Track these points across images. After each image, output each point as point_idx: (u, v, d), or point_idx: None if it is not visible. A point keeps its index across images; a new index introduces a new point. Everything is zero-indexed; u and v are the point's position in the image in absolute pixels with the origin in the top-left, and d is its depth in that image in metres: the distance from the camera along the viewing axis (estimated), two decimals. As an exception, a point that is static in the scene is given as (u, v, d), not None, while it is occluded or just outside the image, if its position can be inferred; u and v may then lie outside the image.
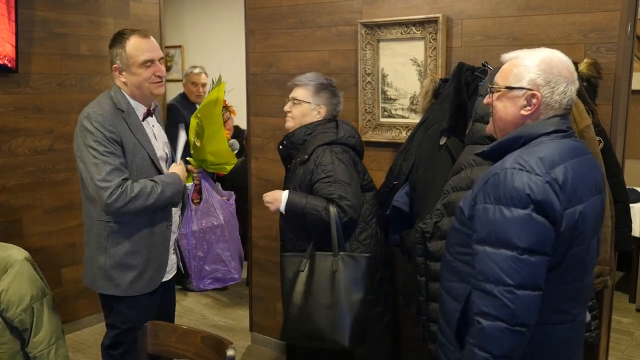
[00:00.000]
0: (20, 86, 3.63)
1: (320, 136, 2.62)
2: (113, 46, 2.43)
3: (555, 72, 1.63)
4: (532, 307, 1.51)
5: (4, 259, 2.52)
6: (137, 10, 4.21)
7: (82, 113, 2.37)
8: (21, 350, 2.47)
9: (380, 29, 3.04)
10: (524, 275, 1.49)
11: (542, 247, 1.51)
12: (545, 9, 2.61)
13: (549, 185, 1.51)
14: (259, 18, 3.51)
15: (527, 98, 1.64)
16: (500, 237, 1.52)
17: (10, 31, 3.40)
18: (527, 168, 1.53)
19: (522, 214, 1.51)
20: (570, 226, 1.54)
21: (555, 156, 1.57)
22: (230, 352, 1.84)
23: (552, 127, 1.63)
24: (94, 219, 2.41)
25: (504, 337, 1.50)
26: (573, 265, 1.59)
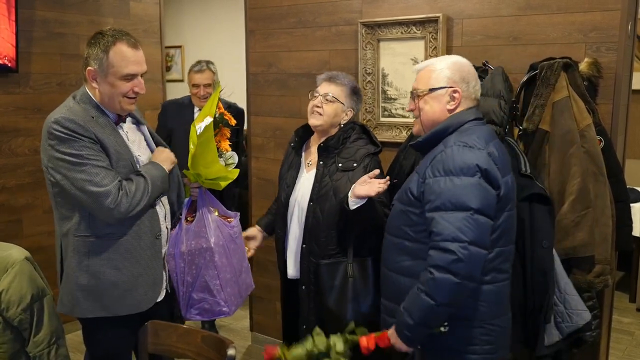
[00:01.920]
0: (20, 86, 3.63)
1: (357, 142, 2.52)
2: (92, 46, 2.10)
3: (466, 70, 1.96)
4: (480, 263, 1.76)
5: (4, 258, 2.51)
6: (137, 10, 4.21)
7: (46, 121, 2.08)
8: (21, 350, 2.46)
9: (381, 29, 3.04)
10: (476, 233, 1.74)
11: (489, 209, 1.78)
12: (546, 9, 2.61)
13: (490, 156, 1.81)
14: (259, 18, 3.51)
15: (450, 94, 1.94)
16: (453, 202, 1.76)
17: (10, 31, 3.40)
18: (470, 144, 1.82)
19: (472, 181, 1.77)
20: (506, 192, 1.84)
21: (486, 136, 1.89)
22: (231, 352, 1.84)
23: (472, 115, 1.94)
24: (70, 236, 2.14)
25: (452, 288, 1.73)
26: (508, 229, 1.88)
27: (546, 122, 2.39)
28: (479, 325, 1.86)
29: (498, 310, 1.89)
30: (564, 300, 2.28)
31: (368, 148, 2.52)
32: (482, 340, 1.87)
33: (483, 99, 2.30)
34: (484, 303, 1.85)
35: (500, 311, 1.91)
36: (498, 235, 1.84)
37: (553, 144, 2.37)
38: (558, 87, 2.38)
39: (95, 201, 2.05)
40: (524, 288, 2.27)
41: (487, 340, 1.87)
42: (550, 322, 2.27)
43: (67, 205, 2.14)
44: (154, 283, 2.25)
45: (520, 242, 2.26)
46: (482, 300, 1.85)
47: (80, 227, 2.13)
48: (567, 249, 2.33)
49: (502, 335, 1.92)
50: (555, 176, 2.36)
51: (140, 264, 2.19)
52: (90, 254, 2.13)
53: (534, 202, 2.25)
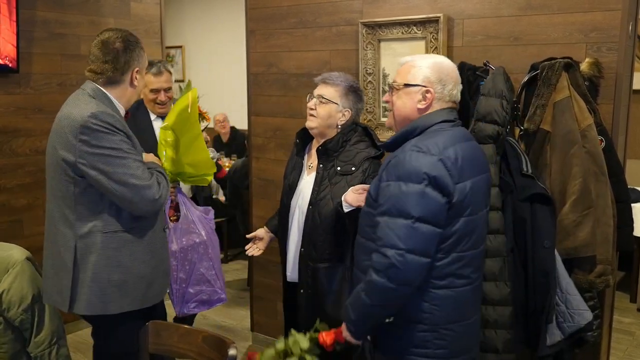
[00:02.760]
0: (21, 86, 3.63)
1: (358, 145, 2.48)
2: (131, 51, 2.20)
3: (445, 72, 1.93)
4: (419, 270, 1.75)
5: (5, 259, 2.52)
6: (137, 10, 4.21)
7: (73, 118, 2.07)
8: (22, 350, 2.46)
9: (381, 29, 3.04)
10: (414, 241, 1.73)
11: (433, 218, 1.75)
12: (546, 9, 2.61)
13: (442, 162, 1.76)
14: (259, 18, 3.51)
15: (423, 93, 1.91)
16: (398, 208, 1.76)
17: (11, 31, 3.40)
18: (423, 150, 1.79)
19: (417, 188, 1.75)
20: (462, 198, 1.79)
21: (447, 140, 1.83)
22: (232, 352, 1.84)
23: (442, 117, 1.90)
24: (96, 234, 2.12)
25: (387, 292, 1.76)
26: (466, 234, 1.83)
27: (547, 122, 2.39)
28: (431, 329, 1.85)
29: (455, 316, 1.86)
30: (566, 300, 2.27)
31: (368, 152, 2.46)
32: (435, 344, 1.86)
33: (485, 98, 2.31)
34: (438, 307, 1.84)
35: (458, 317, 1.87)
36: (454, 241, 1.81)
37: (554, 144, 2.37)
38: (559, 87, 2.38)
39: (138, 194, 2.10)
40: (526, 288, 2.27)
41: (440, 345, 1.85)
42: (552, 322, 2.26)
43: (92, 203, 2.13)
44: (165, 273, 2.35)
45: (522, 242, 2.27)
46: (436, 304, 1.83)
47: (110, 223, 2.14)
48: (569, 249, 2.32)
49: (458, 340, 1.88)
50: (557, 176, 2.35)
51: (156, 255, 2.27)
52: (120, 249, 2.15)
53: (536, 202, 2.25)
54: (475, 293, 1.92)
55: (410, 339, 1.86)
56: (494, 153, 2.27)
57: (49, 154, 2.18)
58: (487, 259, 2.19)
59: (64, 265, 2.14)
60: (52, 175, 2.17)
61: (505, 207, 2.27)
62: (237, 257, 5.81)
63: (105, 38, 2.16)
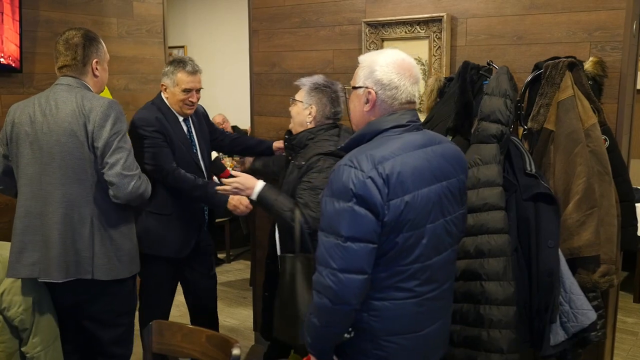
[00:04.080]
0: (24, 86, 3.62)
1: (321, 143, 2.53)
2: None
3: (388, 69, 1.78)
4: (355, 288, 1.68)
5: (6, 258, 2.51)
6: (140, 10, 4.21)
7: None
8: (19, 350, 2.45)
9: (384, 28, 3.04)
10: (346, 261, 1.66)
11: (364, 235, 1.66)
12: (550, 8, 2.61)
13: (371, 180, 1.65)
14: (262, 18, 3.51)
15: (366, 95, 1.81)
16: (331, 226, 1.69)
17: (14, 31, 3.40)
18: (354, 165, 1.68)
19: (346, 207, 1.67)
20: (397, 215, 1.68)
21: (386, 152, 1.70)
22: (236, 351, 1.84)
23: (390, 123, 1.78)
24: (112, 212, 2.43)
25: (328, 311, 1.72)
26: (407, 249, 1.73)
27: (551, 121, 2.39)
28: (370, 339, 1.80)
29: (396, 328, 1.79)
30: (570, 300, 2.27)
31: (322, 146, 2.49)
32: (374, 354, 1.81)
33: (488, 98, 2.30)
34: (376, 318, 1.78)
35: (400, 329, 1.80)
36: (392, 255, 1.72)
37: (558, 143, 2.36)
38: (563, 87, 2.37)
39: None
40: (530, 288, 2.26)
41: (379, 355, 1.80)
42: (555, 322, 2.26)
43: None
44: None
45: (526, 242, 2.26)
46: (373, 315, 1.78)
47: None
48: (573, 249, 2.32)
49: (401, 353, 1.81)
50: (561, 175, 2.35)
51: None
52: (128, 223, 2.54)
53: (539, 202, 2.25)
54: (426, 305, 1.81)
55: (354, 347, 1.83)
56: (498, 152, 2.27)
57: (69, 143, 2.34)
58: (491, 258, 2.19)
59: (81, 238, 2.35)
60: (69, 163, 2.33)
61: (508, 207, 2.26)
62: (239, 256, 5.82)
63: (66, 36, 2.43)
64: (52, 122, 2.33)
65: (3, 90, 3.54)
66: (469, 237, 2.23)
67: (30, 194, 2.38)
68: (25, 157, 2.38)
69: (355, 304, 1.72)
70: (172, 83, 2.88)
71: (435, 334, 1.88)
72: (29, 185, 2.38)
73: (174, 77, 2.87)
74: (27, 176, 2.38)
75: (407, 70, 1.80)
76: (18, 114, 2.41)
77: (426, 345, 1.86)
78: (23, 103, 2.45)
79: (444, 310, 1.92)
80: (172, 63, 2.92)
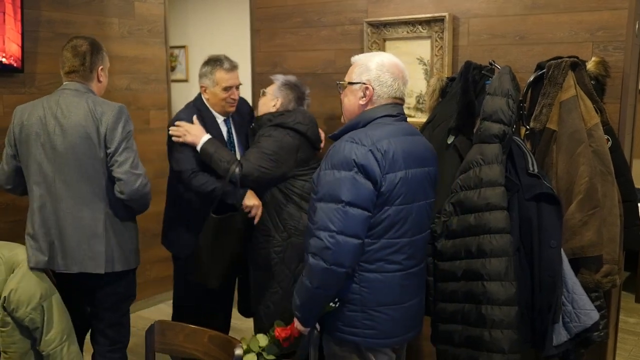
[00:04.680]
0: (26, 86, 3.62)
1: (276, 119, 2.79)
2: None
3: (384, 69, 2.02)
4: (350, 251, 1.87)
5: (10, 258, 2.51)
6: (141, 10, 4.21)
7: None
8: (31, 349, 2.46)
9: (386, 28, 3.03)
10: (344, 224, 1.86)
11: (362, 202, 1.87)
12: (552, 8, 2.61)
13: (371, 153, 1.89)
14: (264, 17, 3.51)
15: (363, 90, 2.03)
16: (331, 194, 1.89)
17: (16, 31, 3.40)
18: (356, 141, 1.92)
19: (348, 175, 1.88)
20: (390, 188, 1.91)
21: (382, 133, 1.95)
22: (239, 351, 1.83)
23: (383, 112, 2.02)
24: (121, 208, 2.59)
25: (322, 272, 1.88)
26: (397, 222, 1.94)
27: (553, 121, 2.38)
28: (361, 309, 1.97)
29: (385, 299, 1.98)
30: (572, 300, 2.27)
31: (275, 120, 2.79)
32: (363, 324, 1.98)
33: (491, 97, 2.30)
34: (367, 289, 1.96)
35: (389, 300, 1.99)
36: (384, 227, 1.93)
37: (561, 143, 2.36)
38: (565, 86, 2.37)
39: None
40: (532, 288, 2.26)
41: (368, 325, 1.98)
42: (558, 322, 2.25)
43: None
44: None
45: (528, 242, 2.26)
46: (364, 286, 1.96)
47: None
48: (575, 249, 2.32)
49: (388, 323, 2.00)
50: (563, 175, 2.35)
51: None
52: (133, 218, 2.72)
53: (542, 202, 2.24)
54: (410, 279, 2.03)
55: (341, 317, 2.00)
56: (500, 152, 2.26)
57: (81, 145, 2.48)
58: (493, 258, 2.18)
59: (95, 235, 2.51)
60: (83, 163, 2.48)
61: (511, 207, 2.25)
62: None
63: (74, 44, 2.56)
64: (65, 125, 2.45)
65: (5, 90, 3.53)
66: (470, 237, 2.23)
67: (45, 192, 2.51)
68: (37, 157, 2.49)
69: (348, 267, 1.89)
70: (211, 83, 2.83)
71: (415, 309, 2.09)
72: (43, 183, 2.50)
73: (213, 76, 2.82)
74: (38, 175, 2.50)
75: (400, 71, 2.06)
76: (26, 116, 2.52)
77: (408, 317, 2.06)
78: (29, 105, 2.56)
79: (421, 287, 2.14)
80: (208, 63, 2.86)
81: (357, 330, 1.99)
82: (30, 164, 2.51)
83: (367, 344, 2.00)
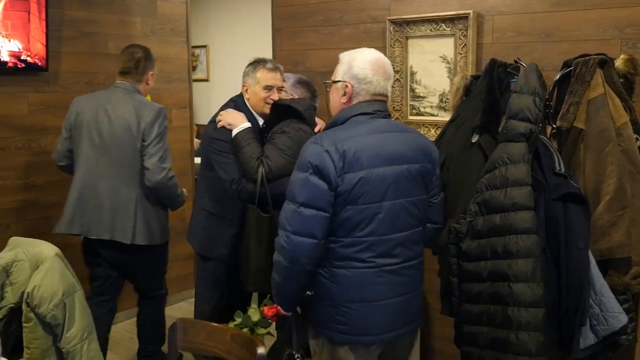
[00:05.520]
0: (50, 85, 3.66)
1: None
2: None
3: (363, 66, 2.01)
4: (305, 250, 1.91)
5: (35, 255, 2.53)
6: (164, 9, 4.23)
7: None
8: (53, 346, 2.48)
9: (409, 26, 3.01)
10: (299, 224, 1.90)
11: (316, 203, 1.89)
12: (579, 4, 2.56)
13: (327, 153, 1.89)
14: (286, 16, 3.50)
15: (343, 88, 2.03)
16: (290, 194, 1.94)
17: (40, 30, 3.44)
18: (317, 142, 1.94)
19: (303, 176, 1.92)
20: (350, 187, 1.90)
21: (349, 133, 1.95)
22: (261, 350, 1.84)
23: (358, 110, 2.02)
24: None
25: (284, 269, 1.97)
26: (361, 221, 1.93)
27: (581, 120, 2.34)
28: (333, 305, 1.99)
29: (354, 295, 1.97)
30: (600, 302, 2.22)
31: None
32: (337, 319, 1.99)
33: (517, 96, 2.26)
34: (337, 285, 1.98)
35: (358, 297, 1.98)
36: (349, 226, 1.94)
37: (588, 142, 2.32)
38: (593, 85, 2.33)
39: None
40: (559, 290, 2.22)
41: (340, 321, 1.99)
42: (585, 324, 2.21)
43: None
44: None
45: (555, 243, 2.22)
46: (334, 282, 1.98)
47: None
48: (603, 250, 2.27)
49: (360, 319, 1.99)
50: (591, 175, 2.30)
51: None
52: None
53: (569, 202, 2.20)
54: (384, 276, 1.99)
55: (319, 313, 2.04)
56: (527, 151, 2.23)
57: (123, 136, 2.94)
58: (519, 259, 2.15)
59: (127, 211, 2.94)
60: (123, 150, 2.93)
61: (537, 207, 2.22)
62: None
63: (131, 50, 3.05)
64: (112, 117, 2.93)
65: (30, 89, 3.57)
66: (496, 237, 2.20)
67: (88, 171, 2.98)
68: (85, 141, 2.97)
69: (306, 265, 1.94)
70: (253, 82, 2.82)
71: (396, 308, 2.03)
72: (87, 163, 2.98)
73: (255, 74, 2.81)
74: (86, 156, 2.98)
75: (381, 67, 2.03)
76: (81, 105, 3.02)
77: (386, 316, 2.01)
78: (84, 97, 3.08)
79: (407, 286, 2.05)
80: (252, 63, 2.87)
81: (332, 325, 2.01)
82: (80, 147, 2.99)
83: (340, 339, 2.01)
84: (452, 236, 2.32)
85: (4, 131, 3.49)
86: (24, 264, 2.50)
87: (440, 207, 2.20)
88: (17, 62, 3.39)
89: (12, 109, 3.51)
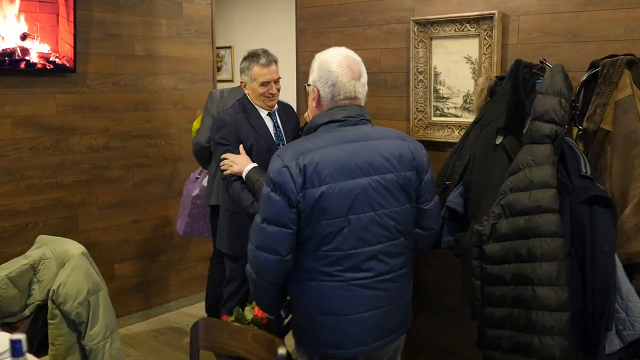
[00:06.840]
0: (78, 86, 3.72)
1: None
2: None
3: (325, 68, 1.91)
4: (269, 266, 1.89)
5: (62, 253, 2.58)
6: (189, 10, 4.27)
7: None
8: (77, 343, 2.52)
9: (433, 27, 2.99)
10: (262, 240, 1.88)
11: (277, 219, 1.84)
12: (607, 4, 2.52)
13: (287, 169, 1.81)
14: (309, 17, 3.51)
15: (312, 92, 1.95)
16: (258, 207, 1.92)
17: (69, 32, 3.50)
18: (280, 155, 1.86)
19: (265, 192, 1.87)
20: (311, 203, 1.82)
21: (312, 145, 1.85)
22: (282, 351, 1.84)
23: (326, 118, 1.91)
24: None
25: (251, 280, 1.99)
26: (326, 236, 1.86)
27: (608, 121, 2.30)
28: (306, 316, 1.99)
29: (324, 308, 1.93)
30: (626, 307, 2.18)
31: None
32: (311, 330, 1.99)
33: (542, 97, 2.23)
34: (308, 297, 1.96)
35: (328, 309, 1.93)
36: (315, 241, 1.87)
37: (615, 144, 2.28)
38: (621, 86, 2.29)
39: None
40: (584, 294, 2.19)
41: (314, 331, 1.98)
42: (611, 329, 2.18)
43: None
44: None
45: (580, 246, 2.19)
46: (306, 294, 1.96)
47: None
48: (630, 254, 2.23)
49: (332, 332, 1.94)
50: (618, 178, 2.26)
51: None
52: None
53: (595, 205, 2.17)
54: (355, 290, 1.91)
55: (299, 323, 2.05)
56: (552, 153, 2.20)
57: None
58: (544, 262, 2.12)
59: None
60: None
61: (562, 210, 2.19)
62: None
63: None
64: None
65: (58, 90, 3.64)
66: (520, 240, 2.17)
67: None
68: None
69: (271, 279, 1.93)
70: (249, 79, 2.82)
71: (368, 321, 1.95)
72: None
73: (250, 72, 2.81)
74: None
75: (347, 67, 1.91)
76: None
77: (358, 330, 1.95)
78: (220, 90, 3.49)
79: (382, 300, 1.97)
80: (246, 58, 2.86)
81: (308, 336, 2.02)
82: None
83: (316, 351, 2.01)
84: (475, 238, 2.30)
85: (32, 131, 3.56)
86: (51, 261, 2.55)
87: (434, 212, 2.08)
88: (46, 64, 3.45)
89: (41, 110, 3.58)
